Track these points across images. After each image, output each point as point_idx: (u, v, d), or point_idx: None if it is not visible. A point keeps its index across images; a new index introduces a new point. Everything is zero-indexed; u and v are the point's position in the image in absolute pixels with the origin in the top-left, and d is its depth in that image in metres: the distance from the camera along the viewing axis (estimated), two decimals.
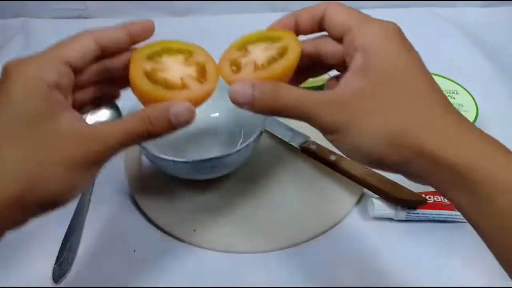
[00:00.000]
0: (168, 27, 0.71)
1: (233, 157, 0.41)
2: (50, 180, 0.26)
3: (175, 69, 0.31)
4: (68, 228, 0.42)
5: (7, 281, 0.38)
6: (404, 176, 0.28)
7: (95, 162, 0.27)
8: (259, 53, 0.31)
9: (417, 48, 0.30)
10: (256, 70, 0.30)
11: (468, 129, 0.26)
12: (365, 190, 0.45)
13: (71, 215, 0.43)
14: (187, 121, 0.28)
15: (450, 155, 0.25)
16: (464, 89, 0.50)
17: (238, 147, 0.41)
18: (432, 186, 0.26)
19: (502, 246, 0.24)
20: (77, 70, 0.29)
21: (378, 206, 0.42)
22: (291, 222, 0.43)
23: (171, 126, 0.28)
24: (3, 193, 0.25)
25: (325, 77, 0.35)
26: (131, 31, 0.31)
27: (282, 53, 0.30)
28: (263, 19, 0.37)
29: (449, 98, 0.48)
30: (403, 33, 0.29)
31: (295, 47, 0.30)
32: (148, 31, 0.32)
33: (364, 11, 0.30)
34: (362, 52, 0.27)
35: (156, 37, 0.34)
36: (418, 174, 0.26)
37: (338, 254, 0.41)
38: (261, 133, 0.43)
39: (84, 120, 0.28)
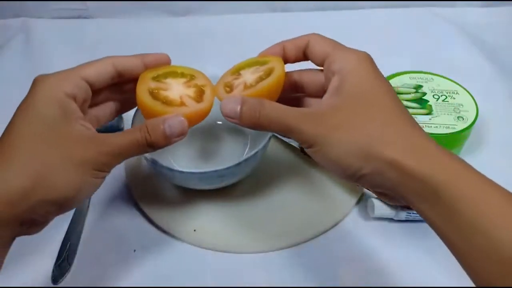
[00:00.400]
0: (168, 27, 0.73)
1: (241, 167, 0.40)
2: (57, 179, 0.28)
3: (175, 89, 0.34)
4: (68, 228, 0.42)
5: (7, 281, 0.39)
6: (378, 193, 0.30)
7: (102, 166, 0.30)
8: (249, 75, 0.35)
9: (417, 48, 0.30)
10: (245, 89, 0.33)
11: (435, 144, 0.28)
12: (365, 190, 0.45)
13: (71, 215, 0.43)
14: (180, 133, 0.31)
15: (420, 166, 0.26)
16: (464, 89, 0.50)
17: (246, 156, 0.40)
18: (402, 198, 0.28)
19: (466, 254, 0.26)
20: (94, 87, 0.33)
21: (378, 206, 0.42)
22: (291, 222, 0.43)
23: (166, 137, 0.30)
24: (8, 188, 0.27)
25: None
26: (146, 61, 0.35)
27: (268, 73, 0.34)
28: (263, 19, 0.37)
29: (449, 98, 0.49)
30: (373, 61, 0.32)
31: (279, 67, 0.33)
32: (162, 64, 0.35)
33: (364, 11, 0.30)
34: (338, 75, 0.31)
35: (156, 37, 0.35)
36: (391, 186, 0.28)
37: (338, 254, 0.41)
38: (269, 139, 0.41)
39: (94, 130, 0.32)
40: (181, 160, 0.47)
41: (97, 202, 0.45)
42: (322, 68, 0.33)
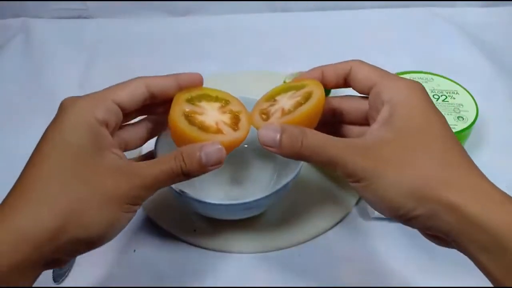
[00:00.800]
0: (168, 27, 0.73)
1: (270, 198, 0.37)
2: (89, 216, 0.26)
3: (211, 114, 0.33)
4: None
5: None
6: (428, 235, 0.28)
7: (134, 200, 0.28)
8: (286, 101, 0.33)
9: (417, 48, 0.30)
10: (283, 115, 0.32)
11: (496, 189, 0.26)
12: None
13: None
14: (217, 162, 0.29)
15: (484, 213, 0.24)
16: (464, 89, 0.50)
17: (277, 188, 0.37)
18: (457, 244, 0.26)
19: None
20: (126, 111, 0.31)
21: None
22: (291, 222, 0.43)
23: (202, 165, 0.29)
24: (37, 229, 0.25)
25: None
26: (180, 82, 0.33)
27: (307, 97, 0.32)
28: (263, 19, 0.37)
29: (449, 98, 0.49)
30: (426, 91, 0.30)
31: (318, 91, 0.31)
32: (196, 84, 0.34)
33: (364, 11, 0.30)
34: (389, 105, 0.29)
35: (156, 37, 0.34)
36: (446, 231, 0.26)
37: (338, 254, 0.41)
38: (300, 168, 0.38)
39: (126, 158, 0.30)
40: (206, 185, 0.44)
41: None
42: (364, 95, 0.32)
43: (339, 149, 0.27)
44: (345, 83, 0.33)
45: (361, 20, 0.72)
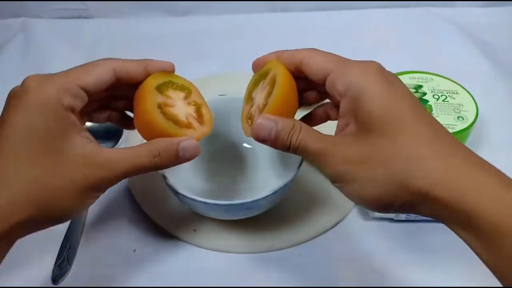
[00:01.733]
0: (168, 27, 0.73)
1: (269, 199, 0.37)
2: (60, 201, 0.28)
3: (180, 106, 0.33)
4: (68, 228, 0.42)
5: (7, 281, 0.39)
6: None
7: (102, 187, 0.30)
8: (259, 96, 0.33)
9: (417, 48, 0.30)
10: (260, 113, 0.32)
11: (473, 164, 0.25)
12: None
13: None
14: (191, 157, 0.31)
15: (455, 198, 0.24)
16: (464, 89, 0.50)
17: (276, 188, 0.36)
18: (446, 225, 0.26)
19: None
20: (90, 95, 0.30)
21: None
22: (291, 222, 0.43)
23: (178, 159, 0.30)
24: (17, 215, 0.27)
25: None
26: (149, 69, 0.33)
27: (272, 84, 0.31)
28: (263, 19, 0.37)
29: (449, 98, 0.49)
30: (384, 69, 0.28)
31: (280, 73, 0.31)
32: (166, 71, 0.34)
33: (364, 11, 0.30)
34: (346, 97, 0.28)
35: (156, 37, 0.34)
36: (430, 214, 0.26)
37: (338, 254, 0.41)
38: (298, 167, 0.38)
39: (95, 142, 0.30)
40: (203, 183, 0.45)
41: (97, 202, 0.44)
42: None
43: (313, 151, 0.28)
44: (298, 72, 0.32)
45: (361, 20, 0.72)
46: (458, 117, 0.46)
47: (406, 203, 0.26)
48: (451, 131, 0.45)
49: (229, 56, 0.66)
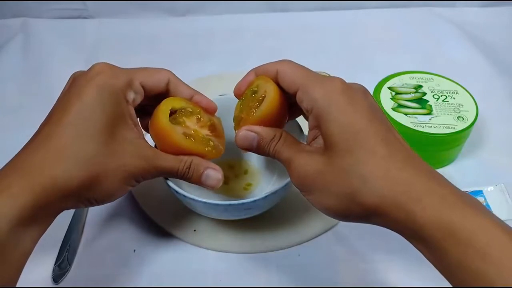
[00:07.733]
0: (168, 27, 0.73)
1: (269, 199, 0.37)
2: (107, 180, 0.30)
3: (195, 128, 0.35)
4: (68, 228, 0.42)
5: None
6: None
7: (142, 178, 0.32)
8: (248, 108, 0.34)
9: (417, 48, 0.30)
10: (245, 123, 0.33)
11: (421, 176, 0.26)
12: None
13: (71, 215, 0.43)
14: (211, 186, 0.34)
15: (403, 214, 0.25)
16: (464, 89, 0.50)
17: (276, 189, 0.37)
18: (402, 236, 0.27)
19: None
20: (146, 95, 0.34)
21: None
22: (290, 222, 0.43)
23: (200, 181, 0.34)
24: (67, 183, 0.28)
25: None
26: (196, 99, 0.36)
27: (261, 98, 0.33)
28: (263, 19, 0.37)
29: (449, 98, 0.49)
30: (347, 86, 0.29)
31: (270, 90, 0.32)
32: (208, 110, 0.37)
33: (364, 11, 0.30)
34: (312, 116, 0.29)
35: (156, 37, 0.34)
36: (385, 226, 0.28)
37: (337, 254, 0.41)
38: None
39: (144, 138, 0.33)
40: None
41: None
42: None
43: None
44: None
45: (361, 20, 0.72)
46: (458, 117, 0.46)
47: (360, 215, 0.28)
48: (451, 131, 0.45)
49: (229, 56, 0.66)
